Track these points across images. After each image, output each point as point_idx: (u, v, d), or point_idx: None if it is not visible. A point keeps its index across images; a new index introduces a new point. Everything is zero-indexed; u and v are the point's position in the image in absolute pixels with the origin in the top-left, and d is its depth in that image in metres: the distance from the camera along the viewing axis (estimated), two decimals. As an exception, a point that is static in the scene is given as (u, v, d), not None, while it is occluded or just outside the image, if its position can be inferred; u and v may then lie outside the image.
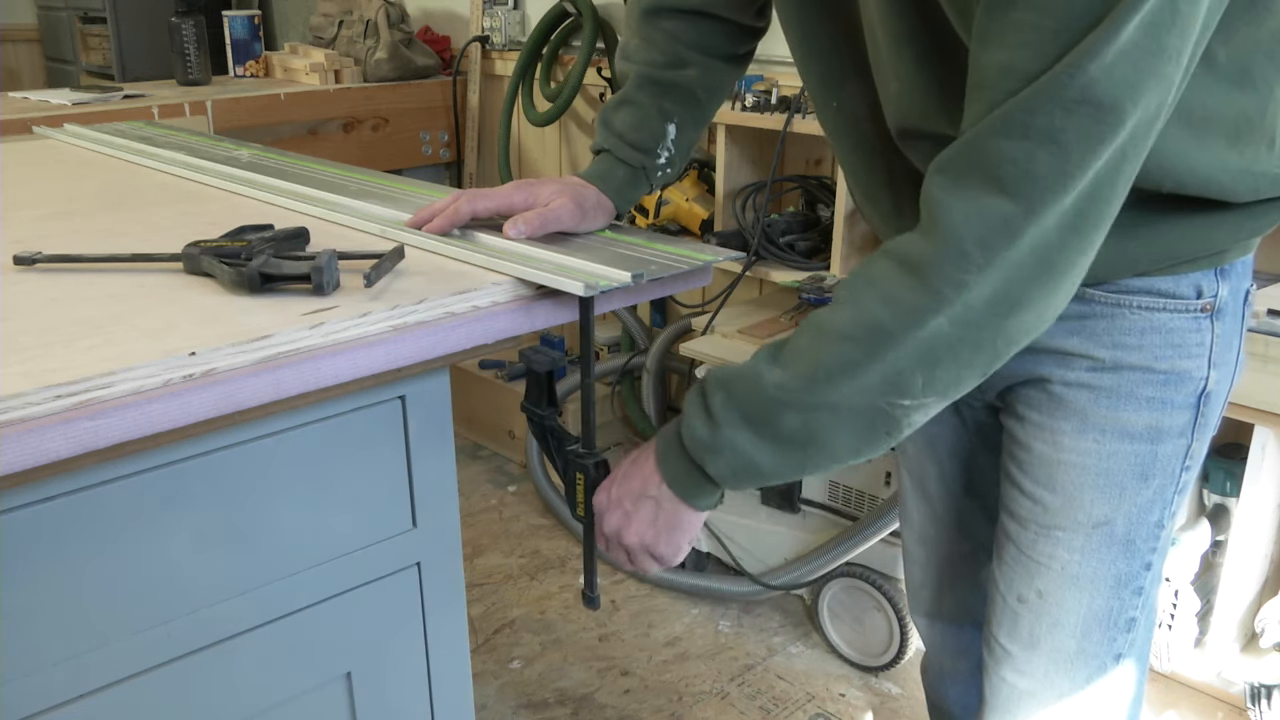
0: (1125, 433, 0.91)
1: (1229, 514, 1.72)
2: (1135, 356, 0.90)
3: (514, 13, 2.96)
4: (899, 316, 0.75)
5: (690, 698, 1.87)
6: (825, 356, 0.77)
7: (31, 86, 3.99)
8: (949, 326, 0.74)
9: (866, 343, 0.76)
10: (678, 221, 2.36)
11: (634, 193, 1.06)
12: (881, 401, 0.77)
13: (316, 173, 1.24)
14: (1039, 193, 0.70)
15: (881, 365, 0.75)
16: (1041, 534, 0.97)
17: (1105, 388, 0.91)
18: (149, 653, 0.77)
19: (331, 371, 0.75)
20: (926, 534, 1.20)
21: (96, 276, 0.86)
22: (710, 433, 0.82)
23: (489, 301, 0.84)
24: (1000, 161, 0.70)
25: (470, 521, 2.44)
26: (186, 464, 0.75)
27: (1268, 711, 1.66)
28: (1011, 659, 1.03)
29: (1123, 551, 0.95)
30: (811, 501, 2.00)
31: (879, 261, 0.77)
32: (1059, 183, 0.69)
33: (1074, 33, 0.66)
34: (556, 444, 0.94)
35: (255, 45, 3.08)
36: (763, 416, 0.80)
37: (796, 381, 0.78)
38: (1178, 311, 0.88)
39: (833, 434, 0.79)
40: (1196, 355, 0.90)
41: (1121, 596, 0.97)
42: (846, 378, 0.77)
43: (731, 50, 1.06)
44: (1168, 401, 0.91)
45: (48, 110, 2.37)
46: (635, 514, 0.88)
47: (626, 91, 1.05)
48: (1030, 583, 0.99)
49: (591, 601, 0.98)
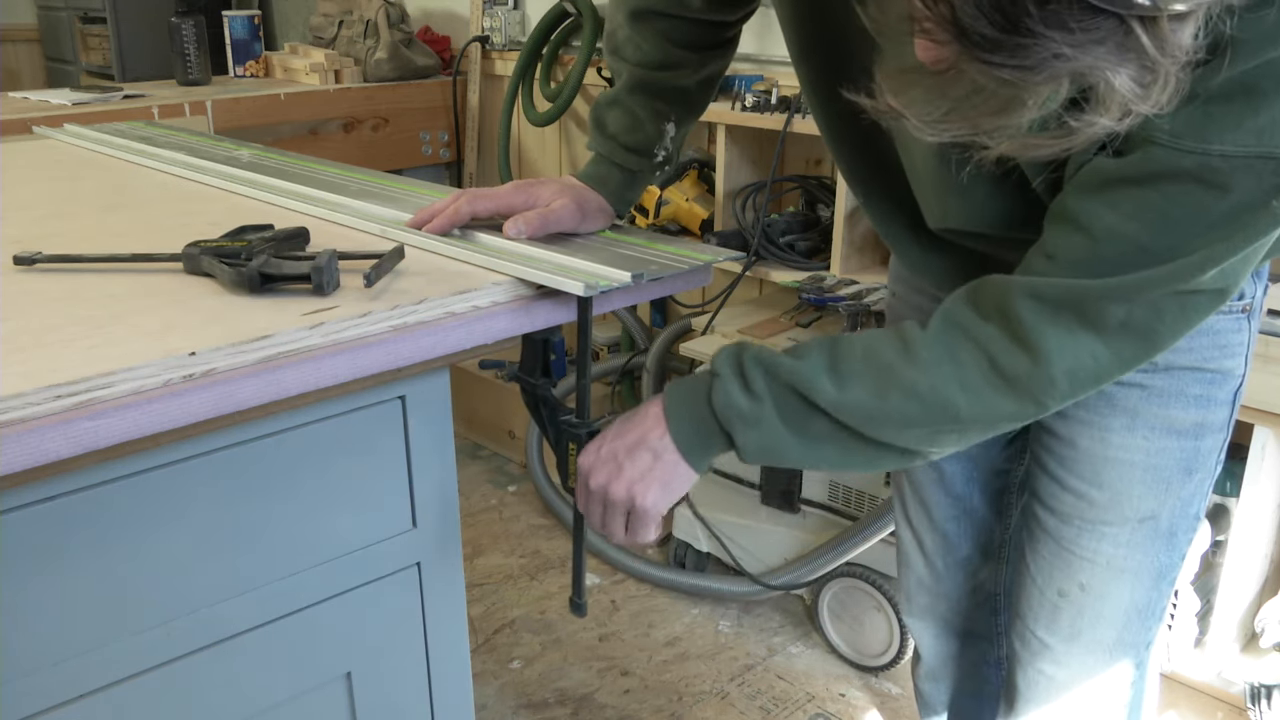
0: (1173, 430, 0.94)
1: (1229, 514, 1.72)
2: (1186, 358, 0.92)
3: (514, 13, 2.96)
4: (974, 409, 0.78)
5: (690, 698, 1.87)
6: (888, 405, 0.80)
7: (31, 86, 3.98)
8: (1016, 425, 0.80)
9: (933, 413, 0.79)
10: (678, 221, 2.36)
11: (633, 194, 1.06)
12: (915, 445, 0.81)
13: (317, 173, 1.24)
14: (1133, 351, 0.75)
15: (936, 430, 0.80)
16: (1085, 529, 0.99)
17: (1157, 387, 0.93)
18: (149, 653, 0.77)
19: (331, 371, 0.75)
20: (923, 536, 1.20)
21: (96, 276, 0.86)
22: (751, 406, 0.82)
23: (489, 301, 0.84)
24: (1103, 315, 0.73)
25: (470, 521, 2.44)
26: (186, 464, 0.75)
27: (1268, 711, 1.66)
28: (1050, 651, 1.05)
29: (1166, 544, 0.98)
30: (811, 501, 2.00)
31: (970, 346, 0.79)
32: (1154, 344, 0.75)
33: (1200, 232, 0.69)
34: (549, 414, 0.94)
35: (255, 45, 3.08)
36: (803, 415, 0.82)
37: (849, 411, 0.80)
38: (1223, 313, 0.89)
39: (861, 455, 0.83)
40: (1237, 354, 0.93)
41: (1160, 588, 1.00)
42: (899, 428, 0.80)
43: (721, 36, 1.06)
44: (1212, 399, 0.94)
45: (48, 110, 2.37)
46: (628, 464, 0.85)
47: (619, 92, 1.05)
48: (1072, 577, 1.01)
49: (578, 608, 0.98)
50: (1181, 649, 1.74)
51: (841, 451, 0.83)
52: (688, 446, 0.85)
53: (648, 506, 0.85)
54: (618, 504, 0.86)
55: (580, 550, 0.96)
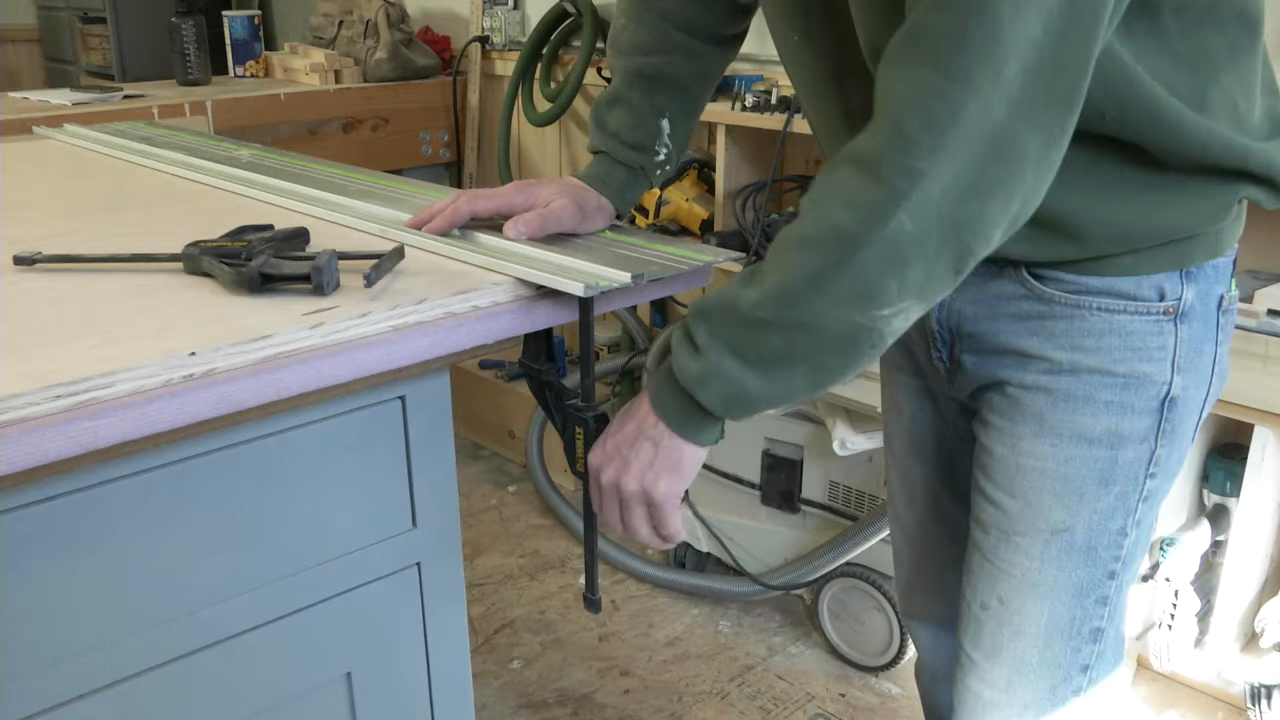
0: (1083, 437, 0.90)
1: (1229, 514, 1.72)
2: (1093, 359, 0.88)
3: (514, 13, 2.96)
4: (859, 216, 0.72)
5: (690, 698, 1.87)
6: (793, 268, 0.75)
7: (31, 86, 3.99)
8: (910, 221, 0.71)
9: (831, 249, 0.73)
10: (678, 221, 2.36)
11: (634, 193, 1.06)
12: (858, 314, 0.74)
13: (316, 173, 1.24)
14: (970, 63, 0.67)
15: (849, 272, 0.73)
16: (1002, 539, 0.95)
17: (1062, 391, 0.89)
18: (149, 653, 0.77)
19: (331, 371, 0.75)
20: (915, 536, 1.19)
21: (96, 276, 0.86)
22: (697, 362, 0.79)
23: (489, 302, 0.84)
24: (934, 36, 0.68)
25: (470, 521, 2.44)
26: (186, 464, 0.75)
27: (1268, 711, 1.66)
28: (976, 667, 1.01)
29: (1084, 559, 0.94)
30: (811, 501, 2.00)
31: (835, 167, 0.75)
32: (990, 50, 0.67)
33: None
34: (555, 399, 0.93)
35: (255, 45, 3.08)
36: (744, 340, 0.77)
37: (769, 299, 0.76)
38: (1138, 314, 0.87)
39: (815, 351, 0.76)
40: (1158, 359, 0.88)
41: (1084, 605, 0.95)
42: (816, 290, 0.74)
43: (722, 31, 1.05)
44: (1127, 406, 0.89)
45: (48, 110, 2.37)
46: (633, 458, 0.84)
47: (617, 88, 1.04)
48: (992, 589, 0.97)
49: (593, 605, 0.98)
50: (1181, 649, 1.74)
51: (798, 361, 0.77)
52: (680, 425, 0.83)
53: (662, 494, 0.84)
54: (632, 498, 0.85)
55: (593, 546, 0.96)
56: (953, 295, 0.90)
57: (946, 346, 0.97)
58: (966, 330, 0.94)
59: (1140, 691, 1.86)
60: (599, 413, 0.91)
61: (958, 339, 0.95)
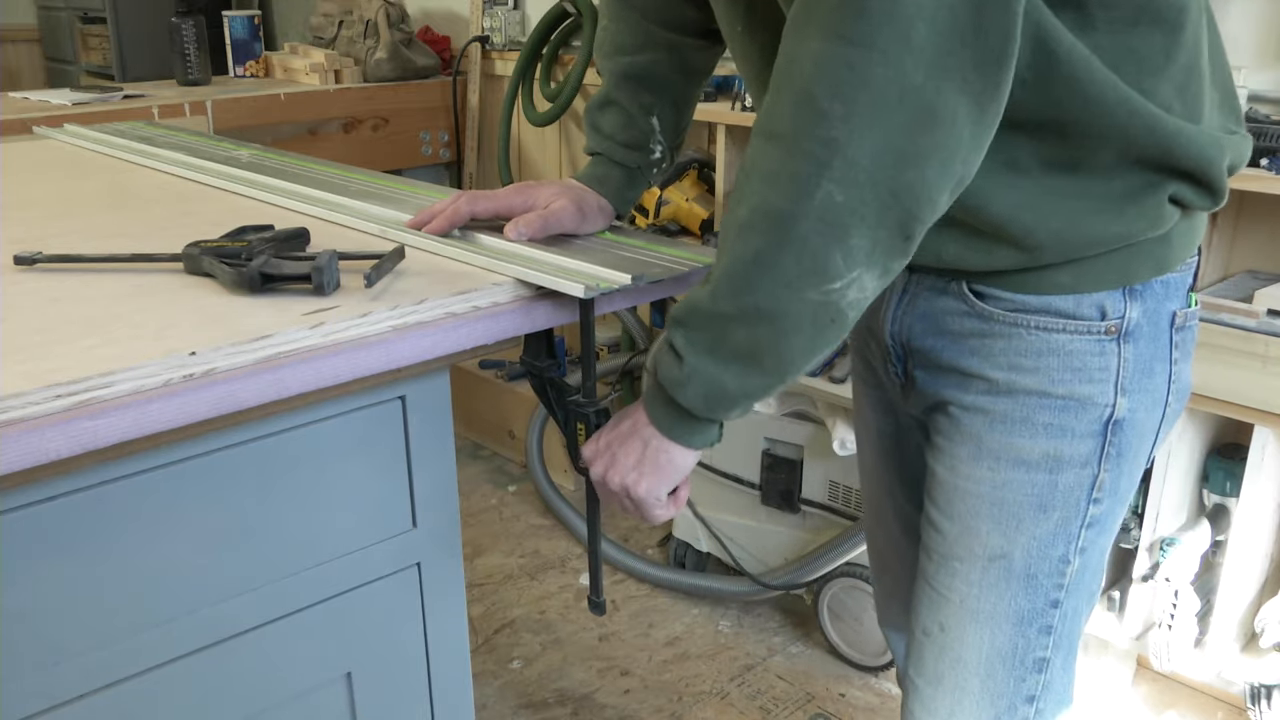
0: (1020, 461, 0.87)
1: (1229, 514, 1.72)
2: (1030, 380, 0.85)
3: (514, 13, 2.96)
4: (785, 192, 0.71)
5: (690, 698, 1.87)
6: (737, 256, 0.74)
7: (31, 86, 3.99)
8: (840, 191, 0.69)
9: (769, 229, 0.72)
10: (678, 221, 2.36)
11: (633, 193, 1.06)
12: (811, 290, 0.73)
13: (317, 173, 1.24)
14: (871, 28, 0.66)
15: (792, 248, 0.72)
16: (942, 564, 0.94)
17: (1000, 412, 0.87)
18: (149, 652, 0.77)
19: (331, 371, 0.75)
20: (885, 547, 1.17)
21: (96, 276, 0.86)
22: (678, 367, 0.79)
23: (489, 302, 0.84)
24: (831, 3, 0.67)
25: (470, 521, 2.44)
26: (186, 464, 0.75)
27: (1268, 711, 1.66)
28: (919, 694, 1.00)
29: (1023, 587, 0.91)
30: (811, 501, 2.00)
31: (754, 143, 0.74)
32: (890, 13, 0.65)
33: None
34: (557, 396, 0.94)
35: (255, 45, 3.08)
36: (714, 338, 0.77)
37: (723, 292, 0.75)
38: (1078, 333, 0.84)
39: (779, 336, 0.75)
40: (1100, 380, 0.85)
41: (1026, 635, 0.93)
42: (763, 272, 0.73)
43: (704, 25, 1.04)
44: (1067, 429, 0.86)
45: (48, 110, 2.37)
46: (621, 455, 0.85)
47: (607, 90, 1.05)
48: (934, 615, 0.96)
49: (597, 607, 0.98)
50: (1181, 649, 1.74)
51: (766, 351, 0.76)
52: (668, 429, 0.83)
53: (642, 494, 0.85)
54: (616, 493, 0.87)
55: (596, 548, 0.96)
56: (903, 309, 0.91)
57: (900, 361, 0.95)
58: (915, 345, 0.92)
59: (1140, 691, 1.86)
60: (601, 407, 0.91)
61: (910, 354, 0.94)
